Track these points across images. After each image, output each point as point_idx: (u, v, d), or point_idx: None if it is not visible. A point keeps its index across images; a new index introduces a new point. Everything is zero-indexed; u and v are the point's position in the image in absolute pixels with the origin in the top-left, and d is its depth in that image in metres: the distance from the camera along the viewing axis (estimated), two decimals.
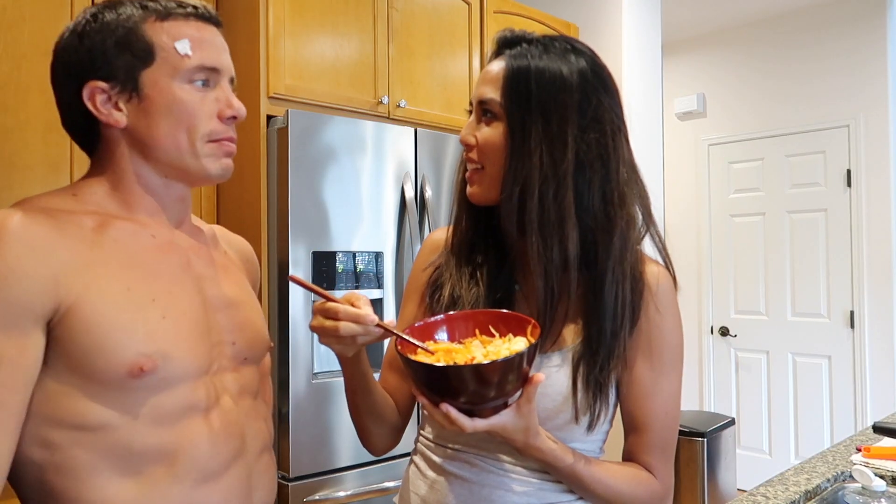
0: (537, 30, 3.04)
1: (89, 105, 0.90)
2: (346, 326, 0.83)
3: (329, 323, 0.84)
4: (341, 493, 2.10)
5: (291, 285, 2.05)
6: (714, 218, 4.36)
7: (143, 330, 0.85)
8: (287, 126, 2.06)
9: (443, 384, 0.79)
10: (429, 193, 2.37)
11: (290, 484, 2.03)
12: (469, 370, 0.76)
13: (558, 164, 0.90)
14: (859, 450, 1.61)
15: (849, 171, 3.82)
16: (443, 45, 2.64)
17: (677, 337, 0.99)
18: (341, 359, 0.94)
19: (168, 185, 0.96)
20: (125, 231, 0.91)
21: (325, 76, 2.28)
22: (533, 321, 0.86)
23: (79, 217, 0.88)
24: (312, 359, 2.11)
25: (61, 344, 0.82)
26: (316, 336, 2.35)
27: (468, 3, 2.74)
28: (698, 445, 3.14)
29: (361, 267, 2.21)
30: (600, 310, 0.93)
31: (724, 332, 4.29)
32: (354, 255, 2.20)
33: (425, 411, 0.87)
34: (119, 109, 0.91)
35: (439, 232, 1.10)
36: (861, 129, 3.78)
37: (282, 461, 2.06)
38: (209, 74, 0.93)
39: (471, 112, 0.99)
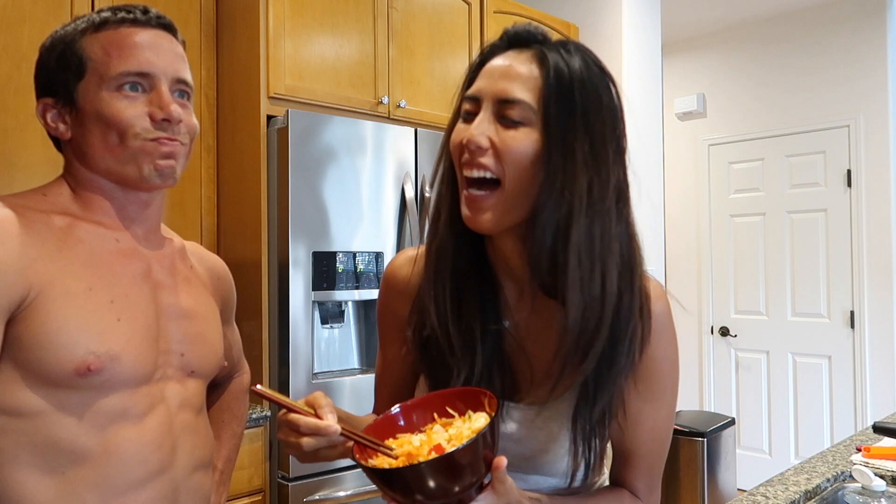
0: None
1: (41, 120, 0.95)
2: (307, 442, 0.75)
3: (291, 439, 0.76)
4: (341, 493, 2.10)
5: (291, 279, 2.06)
6: (714, 218, 4.36)
7: (97, 329, 0.87)
8: (287, 126, 2.06)
9: (408, 485, 0.71)
10: (429, 193, 2.37)
11: (290, 484, 2.03)
12: (429, 466, 0.69)
13: (604, 188, 0.79)
14: (859, 450, 1.61)
15: (849, 171, 3.82)
16: (443, 45, 2.64)
17: (670, 364, 0.91)
18: None
19: (125, 191, 0.96)
20: (91, 233, 0.93)
21: (325, 76, 2.28)
22: (489, 393, 0.78)
23: (48, 216, 0.90)
24: (312, 359, 2.11)
25: (17, 337, 0.84)
26: (316, 336, 2.35)
27: (468, 3, 2.74)
28: (698, 445, 3.14)
29: (361, 267, 2.21)
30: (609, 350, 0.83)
31: (724, 332, 4.29)
32: (354, 255, 2.20)
33: None
34: (65, 123, 0.94)
35: (399, 265, 0.98)
36: (861, 129, 3.78)
37: (282, 461, 2.07)
38: (138, 79, 0.92)
39: (468, 111, 0.83)
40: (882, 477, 1.41)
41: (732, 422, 3.36)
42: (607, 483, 1.00)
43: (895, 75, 3.72)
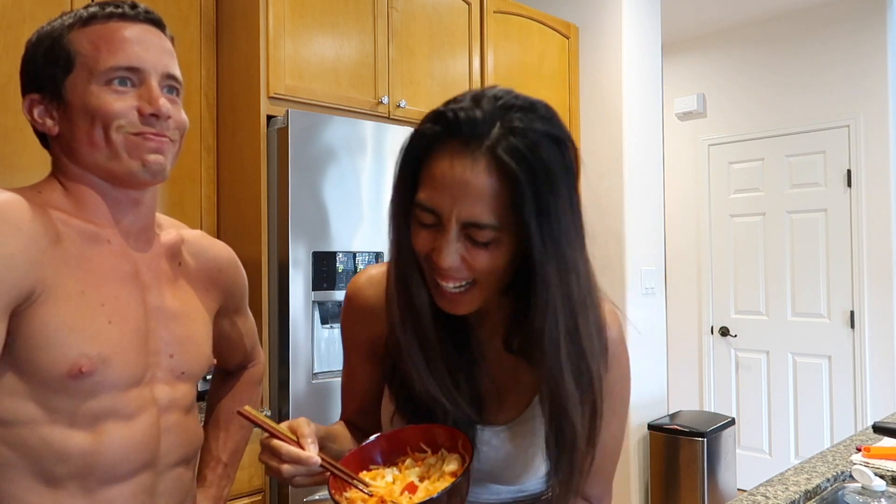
0: (537, 30, 3.05)
1: (27, 116, 0.94)
2: (287, 469, 0.78)
3: (273, 464, 0.79)
4: None
5: (291, 282, 2.06)
6: (714, 218, 4.36)
7: (90, 332, 0.87)
8: (287, 126, 2.06)
9: None
10: None
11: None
12: None
13: (574, 249, 0.80)
14: (859, 450, 1.61)
15: (849, 171, 3.82)
16: (443, 45, 2.64)
17: (622, 384, 0.95)
18: None
19: (115, 188, 0.95)
20: (84, 234, 0.92)
21: (325, 76, 2.28)
22: (463, 436, 0.80)
23: (46, 211, 0.89)
24: (312, 359, 2.11)
25: (16, 334, 0.83)
26: (316, 336, 2.34)
27: (468, 3, 2.74)
28: (698, 445, 3.14)
29: (361, 267, 2.21)
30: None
31: (724, 332, 4.29)
32: (354, 255, 2.20)
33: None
34: (52, 118, 0.93)
35: (361, 286, 0.98)
36: (861, 129, 3.78)
37: None
38: (128, 74, 0.91)
39: (426, 222, 0.79)
40: (882, 477, 1.41)
41: (732, 422, 3.36)
42: None
43: (895, 75, 3.72)
